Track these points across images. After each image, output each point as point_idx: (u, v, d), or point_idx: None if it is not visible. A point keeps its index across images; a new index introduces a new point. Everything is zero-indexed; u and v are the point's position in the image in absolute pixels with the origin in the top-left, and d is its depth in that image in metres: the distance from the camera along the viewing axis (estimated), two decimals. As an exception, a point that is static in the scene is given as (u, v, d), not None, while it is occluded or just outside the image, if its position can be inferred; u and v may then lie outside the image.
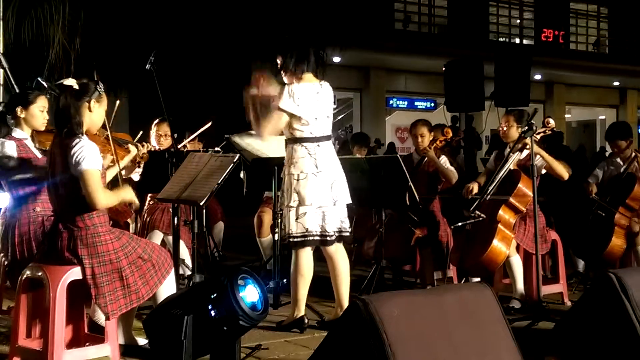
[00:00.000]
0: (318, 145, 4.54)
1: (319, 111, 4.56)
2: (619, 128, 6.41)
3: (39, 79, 5.82)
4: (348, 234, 4.69)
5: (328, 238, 4.55)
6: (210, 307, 3.37)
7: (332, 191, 4.54)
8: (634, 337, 3.35)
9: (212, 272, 5.55)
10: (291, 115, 4.50)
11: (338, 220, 4.61)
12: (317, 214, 4.52)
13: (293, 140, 4.57)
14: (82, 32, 10.38)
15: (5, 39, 8.27)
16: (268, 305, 3.54)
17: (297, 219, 4.52)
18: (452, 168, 5.95)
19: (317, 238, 4.54)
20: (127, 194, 3.97)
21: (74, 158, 3.60)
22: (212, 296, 3.38)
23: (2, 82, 7.63)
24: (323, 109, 4.59)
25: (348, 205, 4.74)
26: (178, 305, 3.47)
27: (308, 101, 4.51)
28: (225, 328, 3.38)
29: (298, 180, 4.50)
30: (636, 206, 5.85)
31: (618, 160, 6.18)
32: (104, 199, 3.67)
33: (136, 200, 4.19)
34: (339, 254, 4.65)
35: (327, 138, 4.62)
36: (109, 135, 4.40)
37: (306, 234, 4.52)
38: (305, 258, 4.57)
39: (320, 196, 4.50)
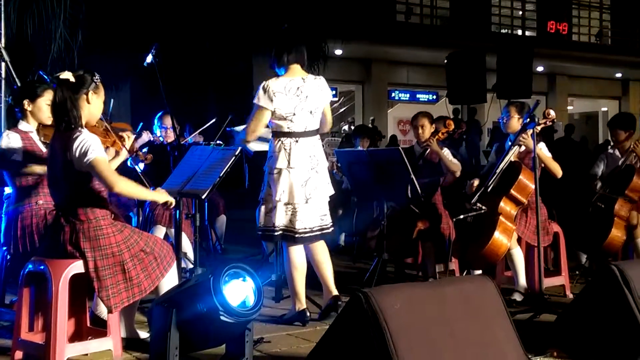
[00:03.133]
0: (296, 141, 4.48)
1: (298, 106, 4.48)
2: (622, 118, 6.45)
3: (41, 73, 5.81)
4: (329, 230, 4.63)
5: (297, 235, 4.48)
6: (196, 301, 3.36)
7: (305, 188, 4.48)
8: (636, 329, 3.36)
9: (214, 266, 5.55)
10: (268, 111, 4.48)
11: (316, 217, 4.55)
12: (286, 210, 4.49)
13: (273, 135, 4.57)
14: (84, 25, 10.37)
15: (7, 33, 8.26)
16: (261, 301, 3.50)
17: (266, 212, 4.53)
18: (455, 160, 5.94)
19: (281, 233, 4.50)
20: (160, 196, 3.90)
21: (78, 152, 3.58)
22: (197, 291, 3.37)
23: (4, 76, 7.62)
24: (305, 104, 4.50)
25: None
26: (168, 299, 3.47)
27: (285, 96, 4.46)
28: (206, 322, 3.36)
29: (271, 174, 4.51)
30: (635, 197, 5.86)
31: (617, 152, 6.19)
32: (121, 183, 3.62)
33: (171, 199, 3.93)
34: (316, 244, 4.62)
35: (309, 134, 4.54)
36: (108, 127, 4.37)
37: (272, 228, 4.50)
38: (296, 251, 4.56)
39: (290, 193, 4.46)
